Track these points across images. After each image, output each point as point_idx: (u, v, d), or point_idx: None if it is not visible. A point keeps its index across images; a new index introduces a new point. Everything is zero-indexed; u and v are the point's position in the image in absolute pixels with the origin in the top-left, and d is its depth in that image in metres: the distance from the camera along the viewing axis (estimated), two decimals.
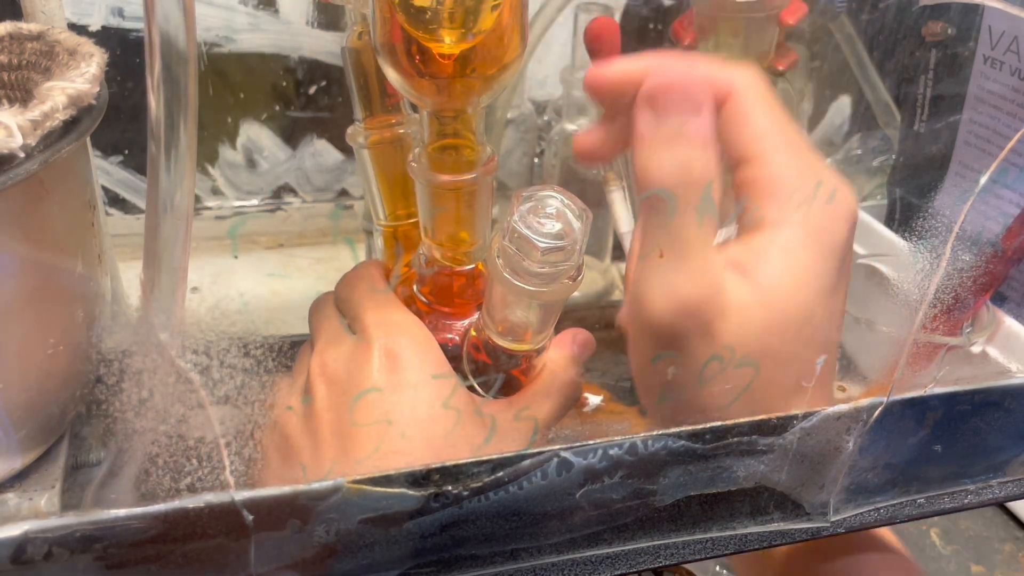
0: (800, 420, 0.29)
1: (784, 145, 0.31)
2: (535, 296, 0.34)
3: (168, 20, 0.25)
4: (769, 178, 0.31)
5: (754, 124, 0.31)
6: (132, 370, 0.29)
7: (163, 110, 0.26)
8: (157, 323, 0.27)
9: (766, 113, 0.31)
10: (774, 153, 0.31)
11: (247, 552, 0.25)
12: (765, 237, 0.31)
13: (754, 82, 0.32)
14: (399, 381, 0.33)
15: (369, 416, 0.32)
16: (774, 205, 0.31)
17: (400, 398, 0.33)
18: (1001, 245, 0.51)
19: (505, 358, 0.38)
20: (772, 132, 0.31)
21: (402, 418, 0.32)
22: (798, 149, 0.31)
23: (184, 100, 0.26)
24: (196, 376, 0.30)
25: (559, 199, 0.33)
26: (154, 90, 0.26)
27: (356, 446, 0.32)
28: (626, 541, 0.30)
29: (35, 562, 0.23)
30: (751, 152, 0.31)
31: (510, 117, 0.66)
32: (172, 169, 0.27)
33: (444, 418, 0.33)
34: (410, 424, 0.32)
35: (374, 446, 0.32)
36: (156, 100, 0.26)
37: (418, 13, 0.33)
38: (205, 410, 0.29)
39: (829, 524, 0.32)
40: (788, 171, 0.31)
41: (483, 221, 0.40)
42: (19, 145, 0.32)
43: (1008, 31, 0.52)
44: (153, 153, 0.26)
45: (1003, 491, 0.35)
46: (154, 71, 0.26)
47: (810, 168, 0.31)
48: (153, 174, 0.27)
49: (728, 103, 0.31)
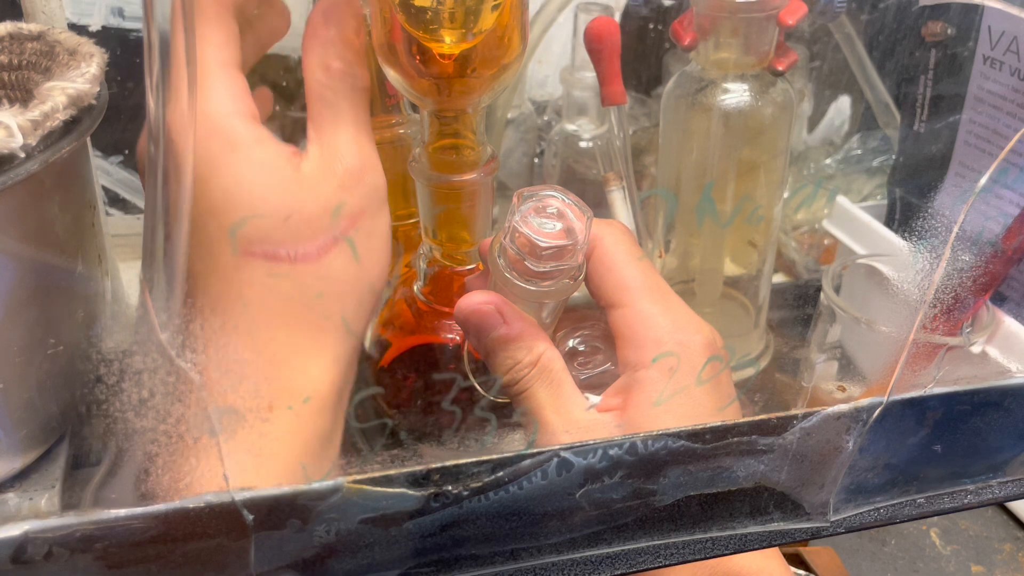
0: (800, 420, 0.29)
1: (647, 291, 0.35)
2: (536, 296, 0.34)
3: (167, 20, 0.25)
4: (637, 319, 0.34)
5: (618, 273, 0.35)
6: (132, 370, 0.29)
7: (162, 110, 0.26)
8: (158, 323, 0.27)
9: (628, 263, 0.35)
10: (639, 299, 0.34)
11: (247, 552, 0.25)
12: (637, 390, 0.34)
13: (617, 234, 0.35)
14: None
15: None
16: (643, 351, 0.34)
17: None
18: (1001, 245, 0.51)
19: None
20: (635, 280, 0.35)
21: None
22: (659, 292, 0.35)
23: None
24: (196, 376, 0.30)
25: (560, 199, 0.33)
26: (153, 90, 0.26)
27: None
28: (626, 541, 0.30)
29: (35, 562, 0.23)
30: (617, 299, 0.35)
31: (510, 117, 0.66)
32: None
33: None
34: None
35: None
36: (156, 100, 0.26)
37: (418, 13, 0.33)
38: (205, 410, 0.29)
39: (829, 524, 0.32)
40: (652, 314, 0.34)
41: (483, 221, 0.41)
42: (19, 145, 0.32)
43: (1008, 31, 0.52)
44: (152, 154, 0.26)
45: (1003, 491, 0.35)
46: (153, 71, 0.26)
47: (670, 310, 0.34)
48: (152, 175, 0.27)
49: (594, 254, 0.35)
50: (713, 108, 0.47)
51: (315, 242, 0.32)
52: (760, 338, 0.55)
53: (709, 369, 0.34)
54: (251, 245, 0.31)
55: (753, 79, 0.47)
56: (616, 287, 0.35)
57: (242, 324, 0.32)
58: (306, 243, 0.32)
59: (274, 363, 0.32)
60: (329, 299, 0.32)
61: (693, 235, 0.52)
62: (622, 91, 0.47)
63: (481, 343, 0.35)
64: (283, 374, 0.32)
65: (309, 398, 0.32)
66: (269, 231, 0.31)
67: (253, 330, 0.32)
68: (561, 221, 0.33)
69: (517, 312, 0.34)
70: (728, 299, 0.53)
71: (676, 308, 0.35)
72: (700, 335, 0.34)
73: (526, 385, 0.34)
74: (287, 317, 0.32)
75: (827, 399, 0.50)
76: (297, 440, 0.32)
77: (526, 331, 0.34)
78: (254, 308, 0.31)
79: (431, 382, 0.45)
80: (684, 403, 0.33)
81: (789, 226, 0.69)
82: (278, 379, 0.32)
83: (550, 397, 0.34)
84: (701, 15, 0.46)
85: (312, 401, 0.32)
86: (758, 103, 0.47)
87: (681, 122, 0.49)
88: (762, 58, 0.47)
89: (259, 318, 0.32)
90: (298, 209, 0.32)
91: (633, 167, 0.50)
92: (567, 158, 0.65)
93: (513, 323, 0.34)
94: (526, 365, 0.34)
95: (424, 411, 0.45)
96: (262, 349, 0.32)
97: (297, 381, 0.32)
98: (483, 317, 0.34)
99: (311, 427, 0.32)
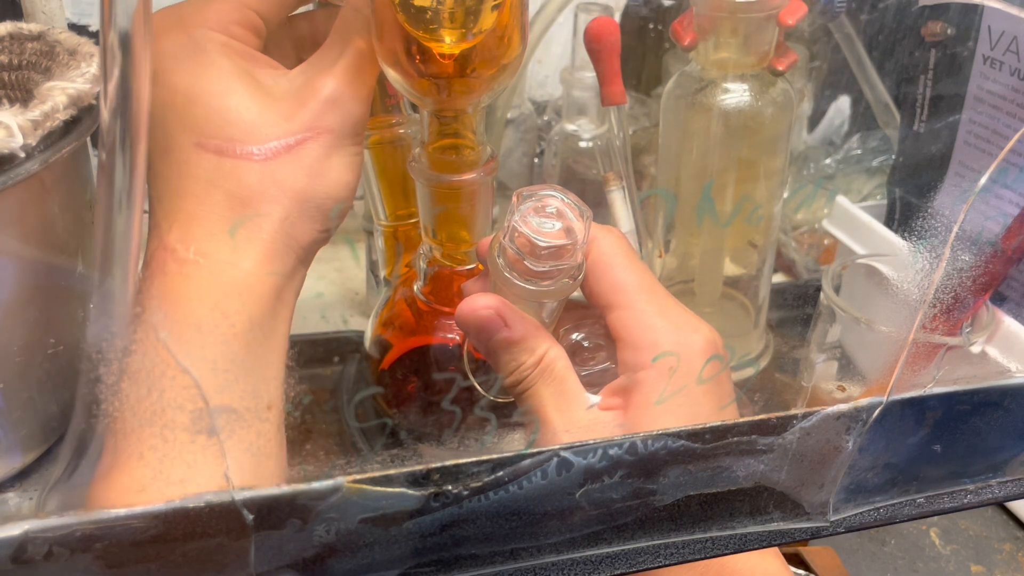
0: (800, 420, 0.29)
1: (644, 292, 0.35)
2: (536, 295, 0.34)
3: (128, 19, 0.25)
4: (635, 321, 0.34)
5: (614, 275, 0.35)
6: (132, 369, 0.29)
7: (118, 112, 0.26)
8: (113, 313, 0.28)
9: (625, 266, 0.35)
10: (636, 301, 0.35)
11: (247, 552, 0.25)
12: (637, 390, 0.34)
13: (612, 237, 0.36)
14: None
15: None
16: (641, 353, 0.34)
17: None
18: (1001, 245, 0.51)
19: None
20: (632, 282, 0.35)
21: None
22: (656, 294, 0.35)
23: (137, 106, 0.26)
24: (196, 376, 0.30)
25: (560, 198, 0.33)
26: (106, 98, 0.26)
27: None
28: (626, 541, 0.30)
29: (35, 561, 0.23)
30: (614, 300, 0.35)
31: (510, 117, 0.66)
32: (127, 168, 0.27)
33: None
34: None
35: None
36: (108, 107, 0.26)
37: (418, 13, 0.33)
38: (205, 409, 0.29)
39: (828, 524, 0.32)
40: (650, 316, 0.34)
41: (483, 221, 0.41)
42: (19, 145, 0.32)
43: (1008, 31, 0.52)
44: (103, 160, 0.26)
45: (1003, 491, 0.35)
46: (112, 76, 0.26)
47: (667, 311, 0.35)
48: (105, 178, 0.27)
49: (590, 257, 0.35)
50: (713, 108, 0.47)
51: (266, 146, 0.33)
52: (760, 338, 0.55)
53: (709, 368, 0.34)
54: (204, 138, 0.33)
55: (753, 79, 0.47)
56: (612, 289, 0.35)
57: (182, 215, 0.33)
58: (256, 144, 0.33)
59: (208, 254, 0.33)
60: (266, 201, 0.33)
61: (693, 235, 0.52)
62: (622, 91, 0.47)
63: (483, 346, 0.35)
64: (211, 265, 0.33)
65: (244, 307, 0.32)
66: (222, 126, 0.33)
67: (190, 221, 0.33)
68: (560, 221, 0.33)
69: (518, 314, 0.35)
70: (728, 299, 0.53)
71: (673, 309, 0.35)
72: (699, 335, 0.34)
73: (529, 384, 0.34)
74: (223, 211, 0.33)
75: (827, 399, 0.50)
76: (228, 331, 0.32)
77: (528, 332, 0.34)
78: (195, 200, 0.33)
79: (431, 382, 0.45)
80: (684, 403, 0.33)
81: (789, 226, 0.69)
82: (213, 269, 0.33)
83: (553, 396, 0.34)
84: (701, 15, 0.46)
85: (243, 306, 0.33)
86: (758, 103, 0.47)
87: (681, 122, 0.49)
88: (762, 58, 0.47)
89: (198, 211, 0.33)
90: (257, 114, 0.33)
91: (633, 167, 0.50)
92: (567, 158, 0.65)
93: (515, 326, 0.34)
94: (529, 366, 0.34)
95: (424, 411, 0.45)
96: (195, 239, 0.33)
97: (225, 275, 0.33)
98: (484, 321, 0.34)
99: (243, 319, 0.33)
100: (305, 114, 0.34)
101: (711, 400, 0.34)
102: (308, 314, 0.58)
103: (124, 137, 0.26)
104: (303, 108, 0.34)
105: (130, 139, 0.26)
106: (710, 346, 0.34)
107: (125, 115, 0.26)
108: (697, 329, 0.34)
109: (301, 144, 0.34)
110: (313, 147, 0.34)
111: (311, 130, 0.34)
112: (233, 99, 0.33)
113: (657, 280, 0.36)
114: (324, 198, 0.34)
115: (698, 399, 0.33)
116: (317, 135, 0.34)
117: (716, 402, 0.34)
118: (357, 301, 0.64)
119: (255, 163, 0.33)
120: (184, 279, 0.32)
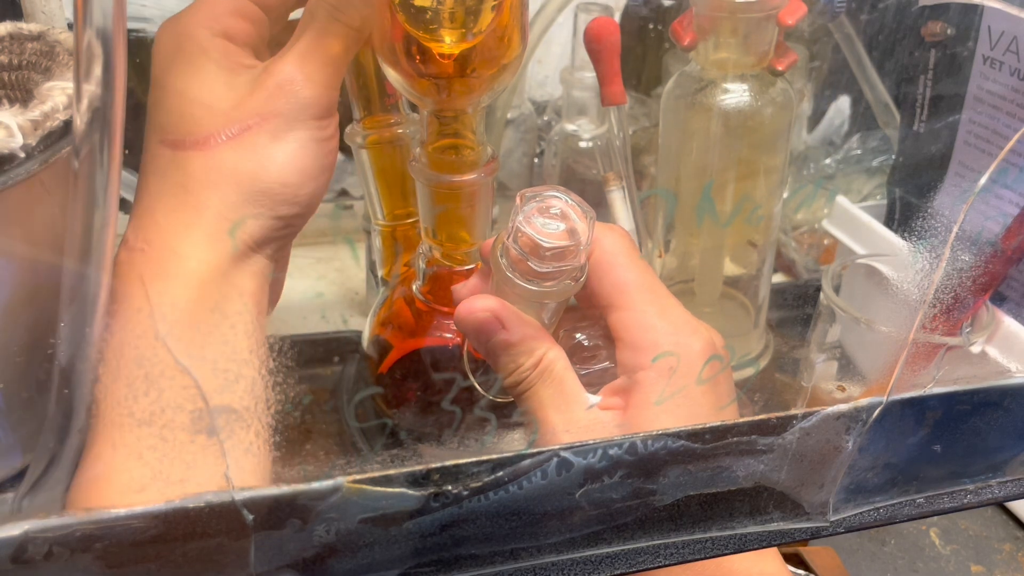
0: (799, 420, 0.29)
1: (645, 294, 0.35)
2: (538, 296, 0.34)
3: (105, 18, 0.26)
4: (635, 322, 0.34)
5: (616, 275, 0.35)
6: (111, 366, 0.29)
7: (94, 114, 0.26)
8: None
9: (627, 266, 0.35)
10: (637, 302, 0.35)
11: (247, 552, 0.25)
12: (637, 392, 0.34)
13: (615, 237, 0.36)
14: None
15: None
16: (641, 354, 0.34)
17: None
18: (1001, 245, 0.51)
19: None
20: (633, 283, 0.35)
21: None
22: (657, 294, 0.35)
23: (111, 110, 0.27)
24: (196, 375, 0.30)
25: (563, 199, 0.33)
26: (78, 103, 0.26)
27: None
28: (626, 541, 0.30)
29: (35, 561, 0.23)
30: (615, 301, 0.35)
31: (510, 117, 0.66)
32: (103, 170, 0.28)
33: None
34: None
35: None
36: (80, 114, 0.26)
37: (418, 13, 0.33)
38: (205, 409, 0.29)
39: (828, 524, 0.32)
40: (650, 317, 0.34)
41: (483, 221, 0.41)
42: (19, 145, 0.32)
43: (1008, 31, 0.52)
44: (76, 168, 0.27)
45: (1002, 491, 0.35)
46: (91, 75, 0.26)
47: (668, 313, 0.35)
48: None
49: (592, 257, 0.35)
50: (713, 108, 0.47)
51: (210, 135, 0.34)
52: (760, 338, 0.55)
53: (709, 369, 0.34)
54: (164, 134, 0.34)
55: (753, 79, 0.47)
56: (614, 289, 0.35)
57: (139, 208, 0.34)
58: (200, 133, 0.34)
59: (151, 242, 0.33)
60: (208, 188, 0.34)
61: (693, 235, 0.52)
62: (622, 91, 0.47)
63: (482, 347, 0.35)
64: (153, 252, 0.33)
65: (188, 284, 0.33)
66: (181, 122, 0.34)
67: (144, 214, 0.34)
68: (564, 222, 0.33)
69: (516, 315, 0.35)
70: (728, 299, 0.53)
71: (674, 311, 0.35)
72: (698, 336, 0.34)
73: (528, 385, 0.34)
74: (169, 199, 0.34)
75: (827, 399, 0.50)
76: (171, 314, 0.33)
77: (527, 334, 0.34)
78: (148, 193, 0.34)
79: (431, 382, 0.45)
80: (684, 403, 0.33)
81: (789, 226, 0.69)
82: (154, 255, 0.33)
83: (552, 396, 0.34)
84: (701, 15, 0.46)
85: (189, 278, 0.33)
86: (758, 103, 0.47)
87: (681, 122, 0.49)
88: (762, 58, 0.47)
89: (150, 203, 0.34)
90: (211, 107, 0.34)
91: (633, 167, 0.50)
92: (567, 158, 0.65)
93: (513, 328, 0.34)
94: (528, 368, 0.34)
95: (424, 411, 0.45)
96: (143, 229, 0.34)
97: (166, 261, 0.33)
98: (482, 323, 0.34)
99: (185, 303, 0.33)
100: (253, 101, 0.34)
101: (711, 400, 0.34)
102: (308, 314, 0.58)
103: (103, 141, 0.27)
104: (251, 96, 0.34)
105: (108, 140, 0.27)
106: (710, 347, 0.34)
107: (106, 116, 0.27)
108: (697, 330, 0.34)
109: (247, 131, 0.34)
110: (259, 132, 0.34)
111: (258, 116, 0.34)
112: (194, 95, 0.34)
113: (658, 279, 0.36)
114: (271, 183, 0.34)
115: (698, 399, 0.33)
116: (263, 120, 0.34)
117: (716, 402, 0.34)
118: (357, 301, 0.64)
119: (200, 152, 0.34)
120: (130, 267, 0.33)
